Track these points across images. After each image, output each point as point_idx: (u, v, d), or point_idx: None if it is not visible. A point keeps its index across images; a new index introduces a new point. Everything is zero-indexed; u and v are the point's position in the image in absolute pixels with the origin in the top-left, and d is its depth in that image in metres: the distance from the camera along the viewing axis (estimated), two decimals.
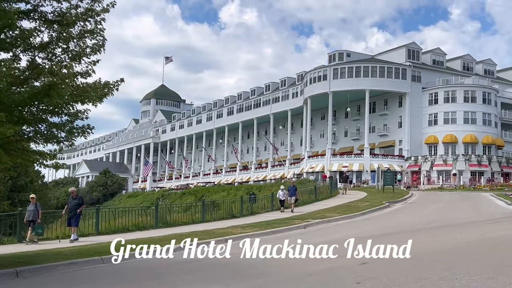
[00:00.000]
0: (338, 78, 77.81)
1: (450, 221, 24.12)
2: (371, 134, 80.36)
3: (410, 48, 79.58)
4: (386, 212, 29.34)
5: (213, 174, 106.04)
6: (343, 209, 29.39)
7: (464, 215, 26.89)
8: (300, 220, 23.57)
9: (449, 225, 21.93)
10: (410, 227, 21.75)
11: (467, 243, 16.20)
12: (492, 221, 23.16)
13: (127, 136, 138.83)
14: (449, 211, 29.37)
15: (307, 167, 78.96)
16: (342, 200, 35.80)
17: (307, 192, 36.20)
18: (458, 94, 74.59)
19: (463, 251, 14.06)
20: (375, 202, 33.85)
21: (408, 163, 74.79)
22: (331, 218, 24.87)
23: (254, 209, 29.35)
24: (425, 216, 26.53)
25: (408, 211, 30.06)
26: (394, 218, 26.25)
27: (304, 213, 27.22)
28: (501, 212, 27.38)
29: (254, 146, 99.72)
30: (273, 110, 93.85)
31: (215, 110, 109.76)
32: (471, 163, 70.60)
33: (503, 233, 18.40)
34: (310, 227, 22.26)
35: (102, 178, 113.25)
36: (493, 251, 13.99)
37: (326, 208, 29.79)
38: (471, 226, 21.16)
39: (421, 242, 16.65)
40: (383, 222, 23.97)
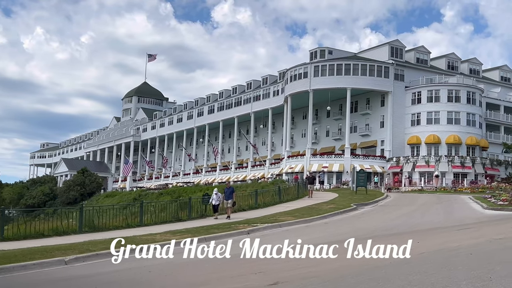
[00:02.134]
0: (319, 76, 75.41)
1: (414, 226, 21.74)
2: (353, 134, 78.07)
3: (393, 46, 77.37)
4: (350, 216, 26.92)
5: (193, 174, 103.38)
6: (302, 212, 26.94)
7: (433, 219, 24.55)
8: (246, 225, 21.07)
9: (411, 232, 19.54)
10: (367, 233, 19.33)
11: (420, 254, 13.77)
12: (460, 227, 20.79)
13: (107, 134, 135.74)
14: (418, 215, 27.00)
15: (287, 168, 76.53)
16: (308, 202, 33.36)
17: (270, 194, 33.71)
18: (442, 93, 72.42)
19: (406, 267, 11.60)
20: (342, 204, 31.44)
21: (390, 164, 72.54)
22: (283, 222, 22.40)
23: (208, 212, 26.79)
24: (389, 221, 24.15)
25: (374, 215, 27.66)
26: (355, 222, 23.83)
27: (255, 217, 24.69)
28: (473, 217, 25.04)
29: (235, 146, 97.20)
30: (254, 109, 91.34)
31: (196, 109, 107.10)
32: (454, 165, 68.43)
33: (466, 242, 16.00)
34: (255, 233, 19.77)
35: (79, 177, 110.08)
36: (443, 267, 11.58)
37: (284, 211, 27.31)
38: (435, 233, 18.77)
39: (366, 252, 14.22)
40: (340, 228, 21.54)
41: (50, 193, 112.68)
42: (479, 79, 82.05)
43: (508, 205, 28.87)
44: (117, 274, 11.65)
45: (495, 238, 16.75)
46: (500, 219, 24.07)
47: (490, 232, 18.78)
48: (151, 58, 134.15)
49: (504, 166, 71.61)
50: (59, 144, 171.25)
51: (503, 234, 17.61)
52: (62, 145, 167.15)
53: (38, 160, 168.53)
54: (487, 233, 18.47)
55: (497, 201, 30.90)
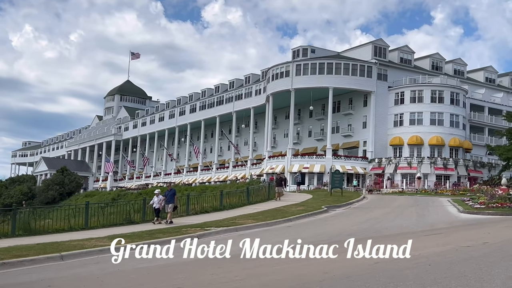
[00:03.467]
0: (301, 75, 73.89)
1: (381, 231, 20.23)
2: (335, 135, 76.66)
3: (377, 45, 76.02)
4: (317, 219, 25.37)
5: (175, 174, 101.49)
6: (267, 214, 25.35)
7: (403, 223, 23.07)
8: (199, 229, 19.42)
9: (376, 237, 18.01)
10: (328, 238, 17.80)
11: (372, 265, 12.24)
12: (429, 232, 19.32)
13: (89, 133, 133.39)
14: (389, 218, 25.51)
15: (267, 168, 74.95)
16: (277, 204, 31.75)
17: (237, 195, 32.08)
18: (425, 93, 71.18)
19: (345, 283, 10.02)
20: (313, 206, 29.89)
21: (372, 165, 71.18)
22: (241, 226, 20.80)
23: (161, 214, 25.04)
24: (357, 224, 22.63)
25: (344, 217, 26.14)
26: (320, 226, 22.29)
27: (214, 220, 23.04)
28: (446, 221, 23.57)
29: (216, 146, 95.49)
30: (236, 108, 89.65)
31: (178, 107, 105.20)
32: (436, 167, 67.22)
33: (429, 250, 14.49)
34: (206, 237, 18.14)
35: (59, 177, 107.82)
36: (391, 281, 10.03)
37: (248, 214, 25.70)
38: (400, 239, 17.25)
39: (314, 262, 12.67)
40: (301, 232, 19.96)
41: (29, 192, 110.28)
42: (464, 80, 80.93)
43: (484, 208, 27.48)
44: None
45: (463, 245, 15.29)
46: (473, 223, 22.65)
47: (459, 238, 17.32)
48: (134, 56, 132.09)
49: (487, 169, 70.47)
50: (42, 143, 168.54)
51: (472, 241, 16.15)
52: (45, 144, 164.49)
53: (19, 158, 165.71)
54: (456, 239, 17.01)
55: (475, 204, 29.51)
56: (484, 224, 22.22)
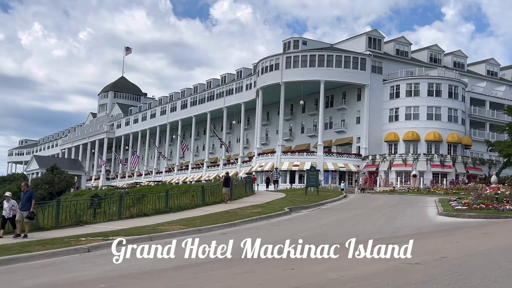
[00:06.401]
0: (291, 68, 70.27)
1: (329, 239, 16.69)
2: (328, 131, 73.04)
3: (371, 36, 72.26)
4: (268, 223, 21.83)
5: (166, 172, 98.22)
6: (210, 218, 21.87)
7: (363, 229, 19.49)
8: (100, 238, 15.92)
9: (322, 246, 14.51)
10: None
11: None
12: (385, 241, 15.72)
13: (82, 131, 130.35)
14: (353, 222, 21.95)
15: (257, 166, 71.50)
16: (234, 205, 28.22)
17: (189, 195, 28.58)
18: (422, 87, 67.33)
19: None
20: (273, 208, 26.38)
21: (366, 162, 67.49)
22: (161, 234, 17.32)
23: (84, 218, 21.63)
24: (306, 231, 19.12)
25: (299, 221, 22.60)
26: (262, 232, 18.78)
27: (133, 227, 19.51)
28: (415, 226, 19.97)
29: (207, 143, 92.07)
30: (227, 103, 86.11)
31: (169, 104, 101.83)
32: (433, 164, 63.44)
33: (359, 269, 10.98)
34: (99, 250, 14.61)
35: (48, 175, 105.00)
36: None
37: (188, 217, 22.21)
38: (339, 251, 13.73)
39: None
40: (232, 241, 16.47)
41: (18, 191, 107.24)
42: (464, 72, 76.92)
43: (466, 210, 23.84)
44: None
45: (410, 262, 11.76)
46: (446, 229, 19.05)
47: (415, 250, 13.74)
48: (128, 52, 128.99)
49: (487, 166, 66.56)
50: (38, 141, 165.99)
51: (426, 255, 12.60)
52: (41, 142, 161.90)
53: (16, 157, 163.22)
54: (409, 251, 13.43)
55: (457, 205, 25.88)
56: (458, 230, 18.64)
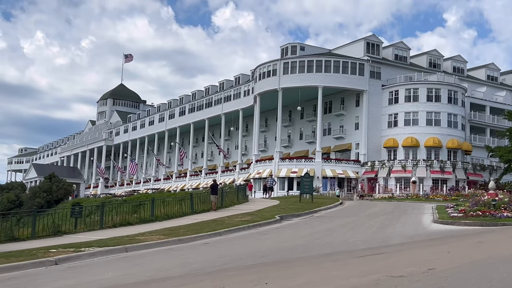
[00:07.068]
0: (288, 73, 69.63)
1: (319, 248, 15.88)
2: (327, 137, 72.27)
3: (369, 41, 71.55)
4: (256, 232, 21.00)
5: (164, 180, 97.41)
6: (195, 227, 21.06)
7: (353, 237, 18.66)
8: (71, 250, 15.10)
9: (296, 259, 13.69)
10: (224, 263, 13.42)
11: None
12: (372, 251, 14.88)
13: (81, 138, 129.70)
14: (343, 230, 21.11)
15: (254, 173, 70.70)
16: (224, 213, 27.40)
17: (177, 203, 27.78)
18: (421, 92, 66.55)
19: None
20: (264, 216, 25.55)
21: (365, 169, 66.63)
22: (137, 244, 16.49)
23: (66, 228, 20.82)
24: (296, 239, 18.34)
25: (289, 230, 21.77)
26: (247, 242, 17.97)
27: (110, 237, 18.68)
28: (407, 235, 19.12)
29: (205, 150, 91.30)
30: (225, 110, 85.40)
31: (168, 111, 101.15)
32: (432, 170, 62.58)
33: (336, 284, 10.15)
34: (68, 263, 13.79)
35: (46, 183, 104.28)
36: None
37: (171, 227, 21.37)
38: (319, 263, 12.92)
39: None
40: (210, 252, 15.67)
41: (16, 200, 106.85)
42: (463, 78, 76.13)
43: (462, 217, 22.99)
44: None
45: (394, 275, 10.89)
46: (439, 237, 18.19)
47: (401, 262, 12.91)
48: (128, 59, 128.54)
49: (488, 172, 65.61)
50: (38, 149, 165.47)
51: (413, 267, 11.74)
52: (40, 150, 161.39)
53: (15, 165, 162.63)
54: (394, 264, 12.60)
55: (454, 212, 25.03)
56: (451, 238, 17.78)
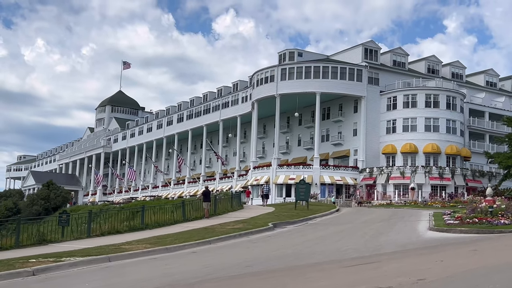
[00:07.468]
0: (286, 80, 69.30)
1: (308, 257, 15.44)
2: (325, 143, 71.85)
3: (367, 47, 71.20)
4: (247, 240, 20.55)
5: (162, 187, 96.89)
6: (185, 235, 20.61)
7: (345, 245, 18.21)
8: (52, 260, 14.61)
9: (275, 270, 13.24)
10: (206, 274, 12.95)
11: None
12: (363, 260, 14.46)
13: (80, 146, 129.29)
14: (336, 238, 20.66)
15: (252, 179, 70.20)
16: (216, 220, 26.95)
17: (168, 211, 27.32)
18: (419, 98, 66.13)
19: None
20: (256, 224, 25.08)
21: (363, 175, 66.13)
22: (121, 254, 16.04)
23: (48, 236, 20.33)
24: (281, 249, 17.88)
25: (281, 238, 21.31)
26: (235, 251, 17.54)
27: (94, 246, 18.22)
28: (400, 243, 18.66)
29: (203, 157, 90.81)
30: (223, 116, 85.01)
31: (166, 117, 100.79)
32: (431, 176, 62.04)
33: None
34: (46, 273, 13.33)
35: (44, 191, 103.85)
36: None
37: (160, 235, 20.92)
38: (297, 276, 12.46)
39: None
40: (196, 262, 15.21)
41: (14, 207, 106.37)
42: (462, 83, 75.75)
43: (458, 224, 22.52)
44: None
45: (382, 286, 10.44)
46: (434, 245, 17.72)
47: (391, 271, 12.45)
48: (126, 66, 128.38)
49: (487, 178, 65.01)
50: (36, 157, 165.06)
51: (403, 277, 11.31)
52: (39, 158, 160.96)
53: (14, 173, 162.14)
54: (384, 273, 12.15)
55: (451, 219, 24.55)
56: (446, 246, 17.31)
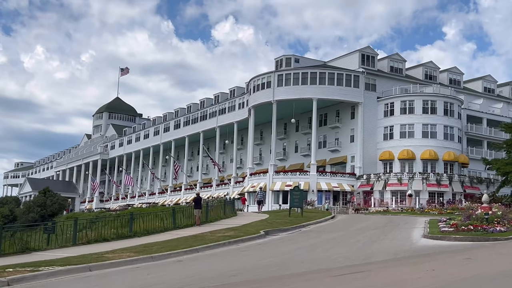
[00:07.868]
0: (283, 86, 68.91)
1: (297, 266, 14.95)
2: (322, 150, 71.44)
3: (364, 53, 70.87)
4: (235, 248, 20.10)
5: (159, 194, 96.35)
6: (172, 243, 20.12)
7: (335, 254, 17.73)
8: (27, 270, 14.11)
9: (256, 280, 12.76)
10: (187, 284, 12.48)
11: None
12: (352, 269, 13.98)
13: (77, 152, 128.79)
14: (327, 246, 20.17)
15: (249, 186, 69.72)
16: (207, 228, 26.45)
17: (158, 218, 26.84)
18: (417, 104, 65.74)
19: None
20: (248, 231, 24.59)
21: (360, 182, 65.67)
22: (102, 263, 15.53)
23: (32, 244, 19.82)
24: (270, 258, 17.40)
25: (272, 246, 20.85)
26: (222, 260, 17.03)
27: (72, 256, 17.75)
28: (393, 251, 18.19)
29: (200, 163, 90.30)
30: (219, 123, 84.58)
31: (163, 124, 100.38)
32: (429, 183, 61.55)
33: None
34: (20, 284, 12.85)
35: (41, 198, 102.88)
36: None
37: (146, 243, 20.44)
38: (301, 282, 11.98)
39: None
40: (178, 272, 14.73)
41: (10, 215, 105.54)
42: (460, 90, 75.43)
43: (453, 232, 22.04)
44: None
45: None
46: (426, 253, 17.24)
47: (381, 280, 11.99)
48: (124, 72, 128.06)
49: (485, 184, 64.59)
50: (34, 164, 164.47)
51: (391, 287, 10.80)
52: (36, 165, 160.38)
53: (11, 180, 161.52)
54: (372, 283, 11.68)
55: (446, 226, 24.07)
56: (439, 254, 16.82)
